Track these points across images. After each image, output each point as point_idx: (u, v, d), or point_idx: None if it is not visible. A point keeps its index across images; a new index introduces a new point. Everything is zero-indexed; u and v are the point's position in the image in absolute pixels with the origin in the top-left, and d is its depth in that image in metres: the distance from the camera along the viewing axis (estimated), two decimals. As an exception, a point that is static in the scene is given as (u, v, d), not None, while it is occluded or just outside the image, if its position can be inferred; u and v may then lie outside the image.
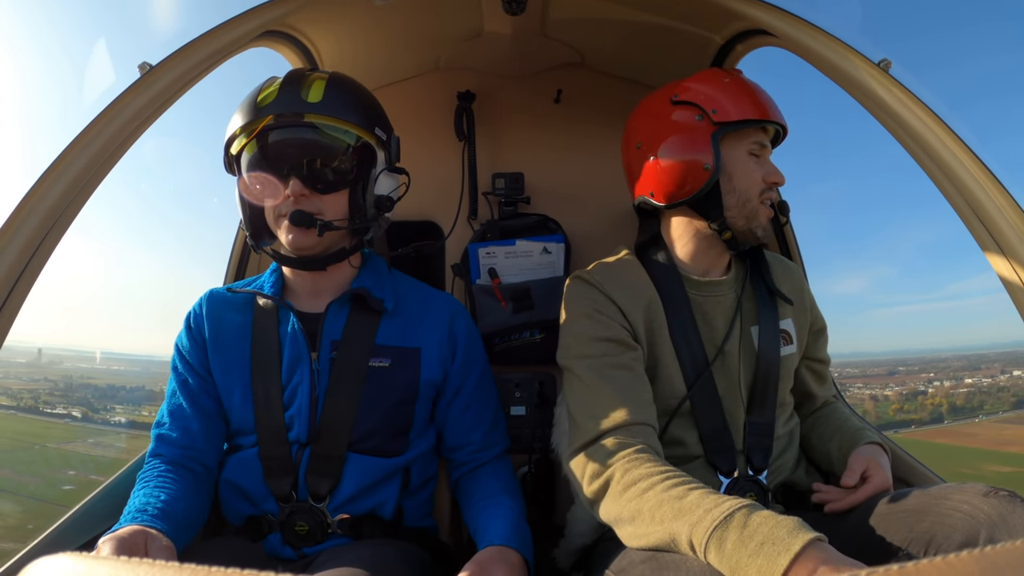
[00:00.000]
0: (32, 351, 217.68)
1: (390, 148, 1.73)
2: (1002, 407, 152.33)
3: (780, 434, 1.64)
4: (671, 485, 1.21)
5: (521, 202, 2.46)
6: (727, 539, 1.05)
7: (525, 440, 2.14)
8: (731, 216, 1.62)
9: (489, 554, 1.41)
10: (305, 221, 1.56)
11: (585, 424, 1.45)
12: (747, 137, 1.62)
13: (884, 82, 1.56)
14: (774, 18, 1.72)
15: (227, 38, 1.67)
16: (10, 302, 1.39)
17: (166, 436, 1.63)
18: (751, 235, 1.62)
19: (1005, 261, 1.47)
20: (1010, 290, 1.48)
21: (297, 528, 1.56)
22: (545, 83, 2.52)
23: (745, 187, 1.61)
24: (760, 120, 1.61)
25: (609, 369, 1.50)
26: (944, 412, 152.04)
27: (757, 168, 1.62)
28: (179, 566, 0.58)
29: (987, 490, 1.17)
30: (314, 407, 1.61)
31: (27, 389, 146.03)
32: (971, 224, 1.53)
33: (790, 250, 2.41)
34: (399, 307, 1.75)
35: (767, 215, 1.63)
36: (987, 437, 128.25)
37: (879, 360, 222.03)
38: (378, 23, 2.18)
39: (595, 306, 1.58)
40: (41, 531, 1.50)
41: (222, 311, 1.73)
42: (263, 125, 1.57)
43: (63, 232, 1.49)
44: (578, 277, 1.67)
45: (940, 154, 1.51)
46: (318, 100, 1.60)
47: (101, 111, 1.50)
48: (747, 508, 1.08)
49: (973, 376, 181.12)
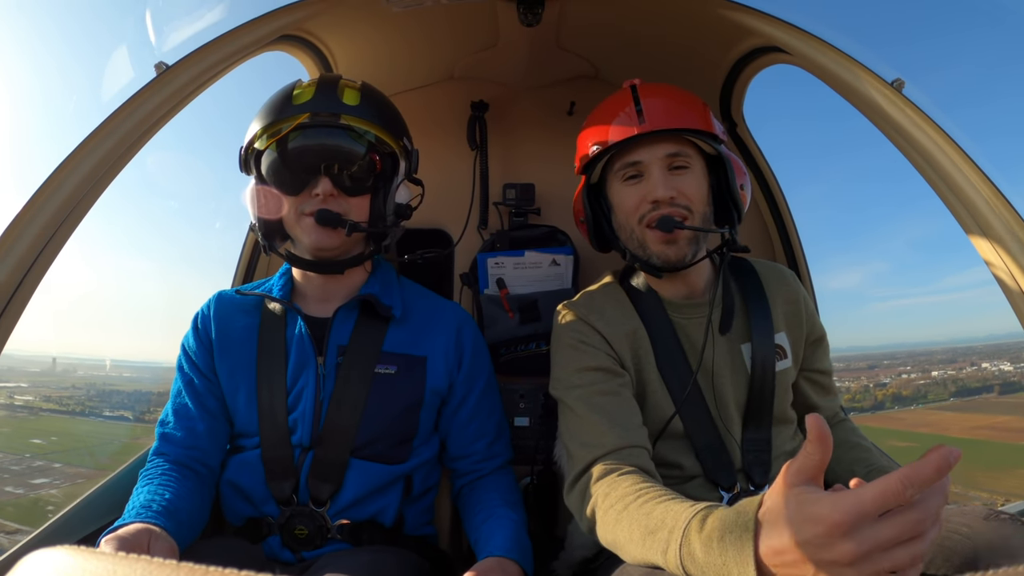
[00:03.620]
0: (46, 360, 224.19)
1: (411, 159, 1.75)
2: (942, 396, 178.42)
3: (782, 452, 1.62)
4: (640, 504, 1.19)
5: (531, 213, 2.46)
6: (695, 550, 1.00)
7: (528, 451, 2.13)
8: (631, 249, 1.62)
9: (489, 565, 1.40)
10: (332, 221, 1.57)
11: (577, 453, 1.46)
12: (615, 165, 1.61)
13: (897, 102, 1.55)
14: (788, 36, 1.72)
15: (244, 40, 1.68)
16: (20, 292, 1.40)
17: (170, 435, 1.63)
18: (653, 263, 1.58)
19: (1017, 286, 1.46)
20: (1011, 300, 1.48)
21: (297, 532, 1.56)
22: (559, 95, 2.53)
23: (624, 219, 1.61)
24: (612, 146, 1.58)
25: (598, 397, 1.50)
26: (888, 401, 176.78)
27: (634, 193, 1.57)
28: (176, 564, 0.58)
29: (987, 513, 1.16)
30: (318, 411, 1.61)
31: (65, 396, 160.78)
32: (980, 245, 1.52)
33: (794, 253, 2.40)
34: (407, 315, 1.75)
35: (657, 240, 1.55)
36: (911, 421, 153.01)
37: (870, 354, 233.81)
38: (394, 30, 2.19)
39: (580, 337, 1.59)
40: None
41: (230, 313, 1.74)
42: (299, 122, 1.57)
43: (75, 225, 1.50)
44: (565, 308, 1.68)
45: (952, 176, 1.51)
46: (355, 104, 1.62)
47: (116, 109, 1.52)
48: (702, 512, 1.04)
49: (941, 369, 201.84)
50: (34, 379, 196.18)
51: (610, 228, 1.67)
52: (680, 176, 1.56)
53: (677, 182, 1.55)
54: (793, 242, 2.43)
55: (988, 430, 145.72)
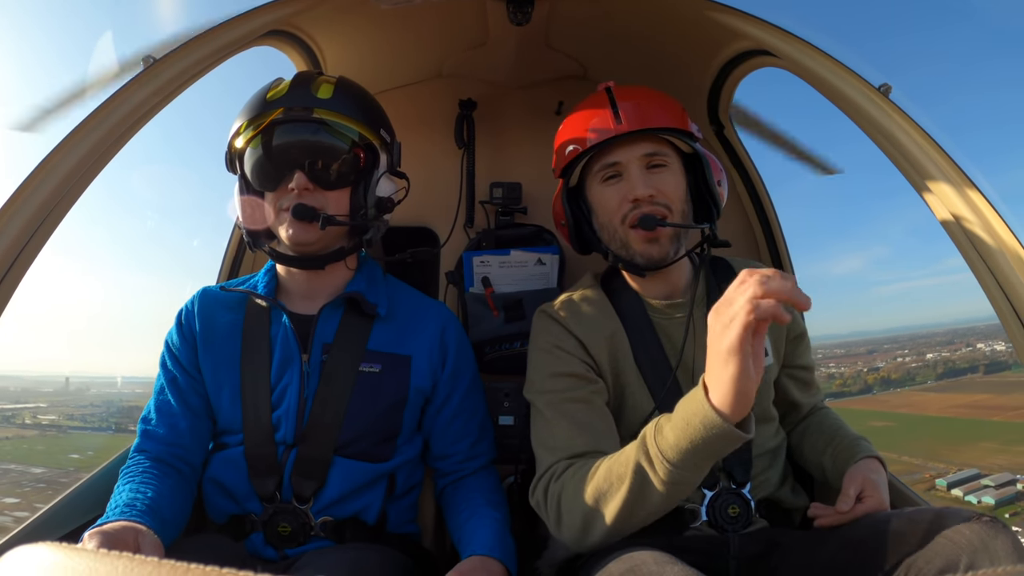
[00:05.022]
0: (58, 380, 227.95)
1: (392, 151, 1.74)
2: (930, 377, 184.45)
3: (764, 450, 1.63)
4: (597, 468, 1.33)
5: (518, 212, 2.47)
6: (666, 436, 1.19)
7: (513, 450, 2.13)
8: (613, 249, 1.65)
9: (472, 564, 1.41)
10: (308, 215, 1.56)
11: (542, 456, 1.49)
12: (594, 167, 1.63)
13: (884, 107, 1.57)
14: (777, 39, 1.73)
15: (232, 35, 1.67)
16: (4, 285, 1.39)
17: (152, 432, 1.62)
18: (637, 262, 1.60)
19: (1000, 292, 1.47)
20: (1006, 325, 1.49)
21: (280, 529, 1.55)
22: (547, 95, 2.53)
23: (606, 219, 1.63)
24: (590, 147, 1.60)
25: (567, 403, 1.52)
26: (876, 385, 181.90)
27: (615, 193, 1.59)
28: (158, 562, 0.58)
29: (969, 516, 1.17)
30: (302, 409, 1.60)
31: (86, 413, 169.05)
32: (966, 252, 1.54)
33: (779, 251, 2.42)
34: (392, 313, 1.74)
35: (640, 238, 1.57)
36: (895, 403, 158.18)
37: (873, 339, 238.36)
38: (383, 28, 2.19)
39: (555, 342, 1.60)
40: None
41: (214, 309, 1.72)
42: (272, 118, 1.57)
43: (60, 219, 1.49)
44: (542, 312, 1.69)
45: (937, 180, 1.52)
46: (328, 98, 1.62)
47: (102, 102, 1.50)
48: (657, 420, 1.25)
49: (936, 351, 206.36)
50: (50, 399, 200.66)
51: (591, 230, 1.69)
52: (658, 175, 1.58)
53: (656, 180, 1.57)
54: (777, 241, 2.45)
55: (964, 408, 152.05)
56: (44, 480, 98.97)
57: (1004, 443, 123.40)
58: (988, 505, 77.42)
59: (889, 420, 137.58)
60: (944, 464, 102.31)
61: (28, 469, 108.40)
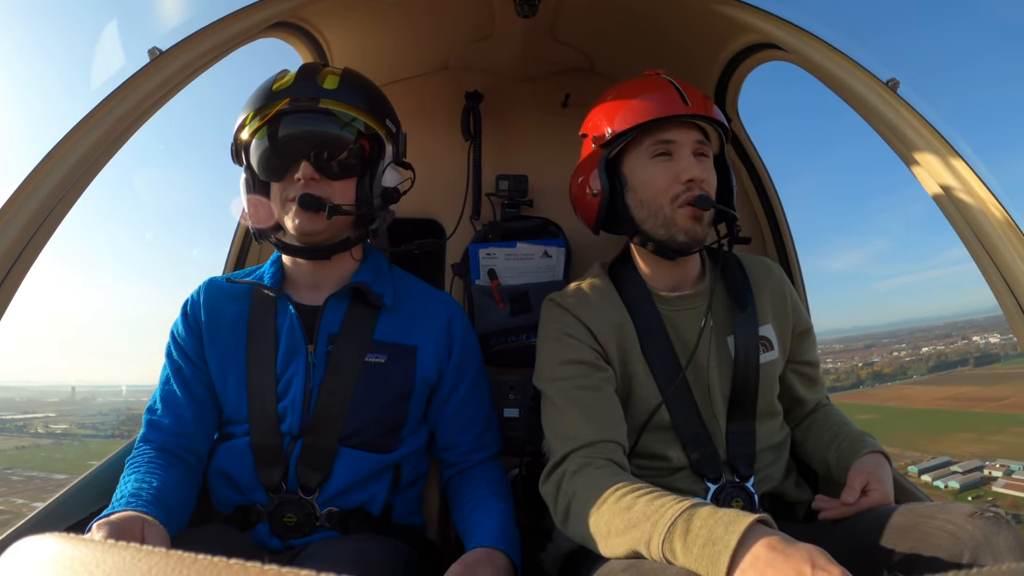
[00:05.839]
0: (64, 390, 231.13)
1: (398, 142, 1.74)
2: (921, 371, 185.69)
3: (768, 445, 1.64)
4: (619, 497, 1.23)
5: (524, 204, 2.46)
6: (676, 550, 1.06)
7: (518, 442, 2.13)
8: (648, 228, 1.62)
9: (476, 556, 1.41)
10: (314, 204, 1.57)
11: (554, 445, 1.49)
12: (645, 142, 1.61)
13: (892, 101, 1.56)
14: (785, 32, 1.72)
15: (239, 27, 1.67)
16: (9, 280, 1.39)
17: (158, 422, 1.63)
18: (675, 243, 1.59)
19: (1005, 286, 1.47)
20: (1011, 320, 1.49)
21: (285, 519, 1.56)
22: (553, 87, 2.53)
23: (651, 196, 1.60)
24: (649, 121, 1.58)
25: (578, 391, 1.52)
26: (868, 379, 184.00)
27: (664, 171, 1.58)
28: (165, 552, 0.58)
29: (972, 511, 1.17)
30: (308, 399, 1.60)
31: (97, 422, 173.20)
32: (971, 245, 1.53)
33: (785, 247, 2.41)
34: (398, 304, 1.74)
35: (688, 216, 1.56)
36: (884, 396, 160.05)
37: (873, 333, 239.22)
38: (389, 20, 2.18)
39: (565, 329, 1.60)
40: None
41: (220, 300, 1.73)
42: (278, 108, 1.58)
43: (66, 212, 1.49)
44: (551, 300, 1.69)
45: (945, 177, 1.51)
46: (334, 88, 1.62)
47: (109, 94, 1.50)
48: (687, 512, 1.09)
49: (932, 345, 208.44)
50: (58, 408, 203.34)
51: (623, 205, 1.66)
52: (703, 163, 1.60)
53: (703, 167, 1.58)
54: (784, 236, 2.44)
55: (950, 400, 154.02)
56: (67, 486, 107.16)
57: (982, 433, 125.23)
58: (953, 489, 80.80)
59: (874, 412, 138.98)
60: (919, 453, 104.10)
61: (51, 476, 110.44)
